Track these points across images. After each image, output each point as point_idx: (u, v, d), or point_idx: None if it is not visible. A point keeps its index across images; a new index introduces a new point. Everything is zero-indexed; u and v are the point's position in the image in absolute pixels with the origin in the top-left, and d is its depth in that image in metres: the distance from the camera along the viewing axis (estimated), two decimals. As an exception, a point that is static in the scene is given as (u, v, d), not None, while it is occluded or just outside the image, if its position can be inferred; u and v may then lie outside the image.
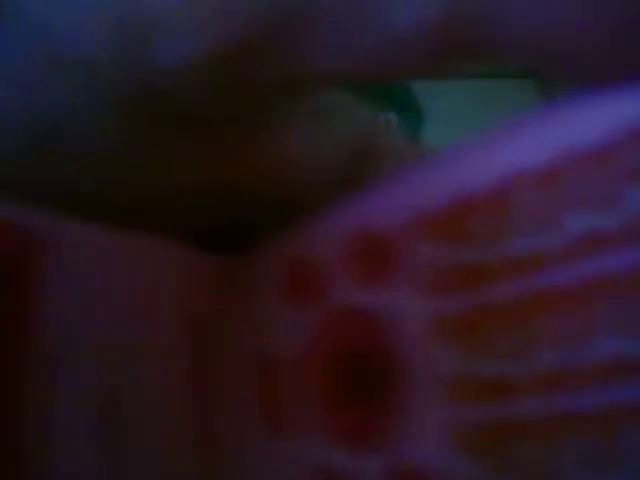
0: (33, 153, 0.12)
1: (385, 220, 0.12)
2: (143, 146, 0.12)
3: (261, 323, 0.14)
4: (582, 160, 0.10)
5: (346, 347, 0.13)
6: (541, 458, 0.10)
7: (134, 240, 0.12)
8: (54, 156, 0.12)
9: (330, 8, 0.10)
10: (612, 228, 0.10)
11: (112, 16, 0.11)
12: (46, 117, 0.11)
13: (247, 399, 0.14)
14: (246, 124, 0.13)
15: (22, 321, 0.10)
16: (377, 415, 0.12)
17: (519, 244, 0.10)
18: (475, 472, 0.11)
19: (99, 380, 0.12)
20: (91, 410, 0.11)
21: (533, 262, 0.10)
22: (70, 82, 0.11)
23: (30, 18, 0.11)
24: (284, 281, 0.14)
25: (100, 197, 0.12)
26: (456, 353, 0.11)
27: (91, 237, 0.12)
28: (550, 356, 0.10)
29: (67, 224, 0.11)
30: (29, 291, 0.10)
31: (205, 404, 0.14)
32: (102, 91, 0.11)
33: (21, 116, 0.11)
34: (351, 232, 0.13)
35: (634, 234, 0.09)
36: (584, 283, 0.10)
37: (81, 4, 0.11)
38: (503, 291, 0.10)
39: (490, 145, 0.11)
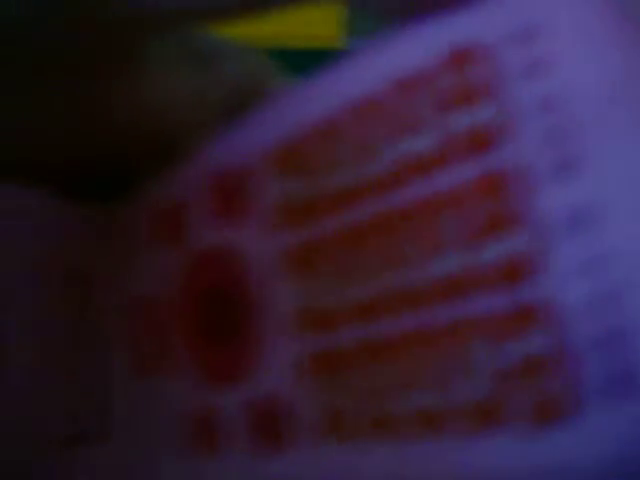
0: None
1: (238, 157, 0.12)
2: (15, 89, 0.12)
3: (135, 268, 0.14)
4: (402, 87, 0.10)
5: (207, 286, 0.13)
6: (397, 377, 0.10)
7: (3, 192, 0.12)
8: None
9: None
10: (432, 152, 0.10)
11: None
12: None
13: (124, 343, 0.14)
14: (116, 61, 0.13)
15: None
16: (236, 351, 0.12)
17: (348, 174, 0.10)
18: (322, 400, 0.11)
19: None
20: None
21: (360, 191, 0.10)
22: None
23: None
24: (154, 224, 0.14)
25: None
26: (299, 287, 0.11)
27: None
28: (405, 275, 0.10)
29: None
30: None
31: (84, 350, 0.14)
32: None
33: None
34: (210, 171, 0.13)
35: (469, 150, 0.09)
36: (408, 207, 0.10)
37: None
38: (336, 222, 0.11)
39: (325, 78, 0.11)
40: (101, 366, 0.14)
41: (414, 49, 0.10)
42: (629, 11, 0.09)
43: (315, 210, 0.11)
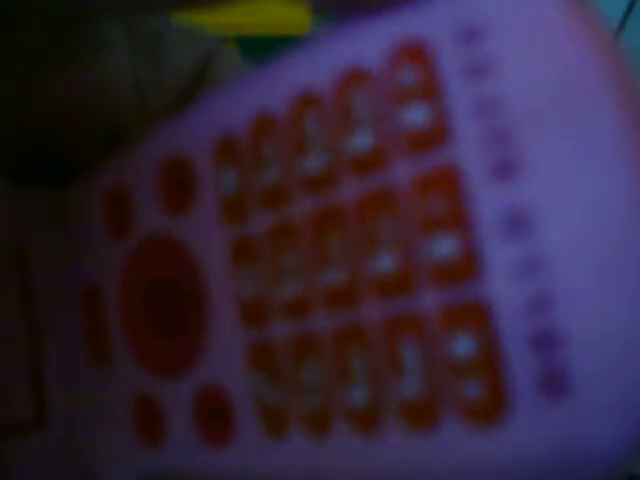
0: None
1: (189, 145, 0.12)
2: None
3: (85, 255, 0.14)
4: (362, 80, 0.10)
5: (156, 276, 0.13)
6: (330, 374, 0.10)
7: None
8: None
9: None
10: (369, 151, 0.10)
11: None
12: None
13: (75, 330, 0.14)
14: (65, 47, 0.12)
15: None
16: (185, 341, 0.12)
17: (311, 163, 0.10)
18: (271, 391, 0.11)
19: None
20: None
21: (324, 180, 0.10)
22: None
23: None
24: (102, 212, 0.13)
25: None
26: (239, 281, 0.11)
27: None
28: (340, 272, 0.10)
29: None
30: None
31: (36, 335, 0.14)
32: None
33: None
34: (159, 159, 0.12)
35: (408, 149, 0.09)
36: (342, 206, 0.10)
37: None
38: (298, 211, 0.10)
39: (283, 66, 0.11)
40: (34, 353, 0.13)
41: (357, 44, 0.10)
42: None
43: (248, 205, 0.11)
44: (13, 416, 0.13)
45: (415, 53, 0.09)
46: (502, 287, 0.08)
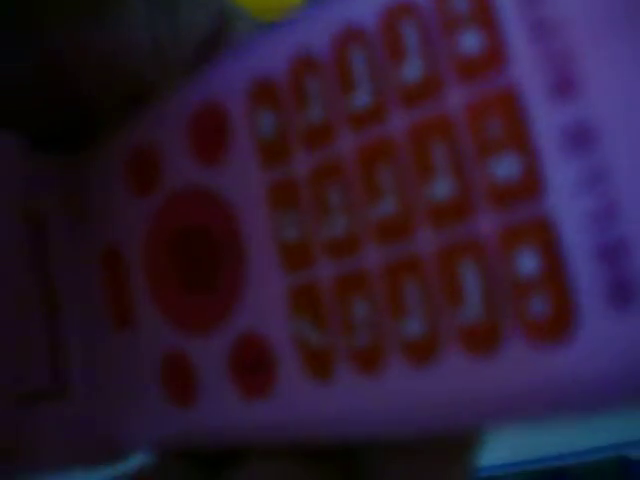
0: None
1: (221, 92, 0.12)
2: None
3: (105, 217, 0.13)
4: (410, 11, 0.10)
5: (186, 230, 0.12)
6: (382, 308, 0.10)
7: None
8: None
9: None
10: (420, 81, 0.10)
11: None
12: None
13: (95, 295, 0.13)
14: (74, 6, 0.12)
15: None
16: (218, 292, 0.12)
17: (358, 98, 0.10)
18: (316, 333, 0.11)
19: None
20: None
21: (372, 113, 0.10)
22: None
23: None
24: (125, 171, 0.13)
25: None
26: (279, 224, 0.11)
27: None
28: (391, 204, 0.10)
29: None
30: None
31: (52, 301, 0.13)
32: None
33: None
34: (188, 110, 0.12)
35: (462, 76, 0.09)
36: (420, 126, 0.10)
37: None
38: (344, 147, 0.10)
39: (324, 7, 0.11)
40: (51, 320, 0.13)
41: None
42: None
43: (288, 146, 0.11)
44: (31, 383, 0.13)
45: None
46: (565, 202, 0.08)
